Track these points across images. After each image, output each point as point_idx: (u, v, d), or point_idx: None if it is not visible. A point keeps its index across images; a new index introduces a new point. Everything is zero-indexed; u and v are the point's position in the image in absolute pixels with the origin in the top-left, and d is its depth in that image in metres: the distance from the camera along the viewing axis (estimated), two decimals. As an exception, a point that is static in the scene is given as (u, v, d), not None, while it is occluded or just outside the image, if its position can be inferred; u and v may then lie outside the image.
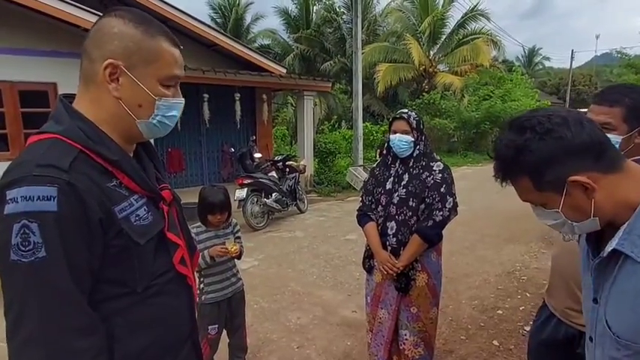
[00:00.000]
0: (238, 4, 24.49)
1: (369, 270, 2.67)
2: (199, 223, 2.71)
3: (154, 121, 1.10)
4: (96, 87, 1.05)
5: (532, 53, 41.42)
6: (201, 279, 2.70)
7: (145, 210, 1.08)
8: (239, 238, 2.82)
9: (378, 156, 10.98)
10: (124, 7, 1.13)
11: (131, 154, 1.15)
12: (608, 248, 0.95)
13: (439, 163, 2.52)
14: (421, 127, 2.53)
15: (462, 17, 21.03)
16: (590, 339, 1.07)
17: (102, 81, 1.03)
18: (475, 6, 20.85)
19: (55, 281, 0.90)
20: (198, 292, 2.66)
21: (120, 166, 1.04)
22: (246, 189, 7.22)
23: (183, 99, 1.16)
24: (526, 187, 0.99)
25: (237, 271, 2.85)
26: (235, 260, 2.80)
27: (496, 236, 6.56)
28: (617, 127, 1.57)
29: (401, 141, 2.48)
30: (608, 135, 1.43)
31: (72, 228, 0.92)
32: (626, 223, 0.93)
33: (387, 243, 2.50)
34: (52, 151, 0.96)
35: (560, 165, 0.93)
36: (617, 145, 1.52)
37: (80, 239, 0.93)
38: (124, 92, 1.05)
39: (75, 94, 1.10)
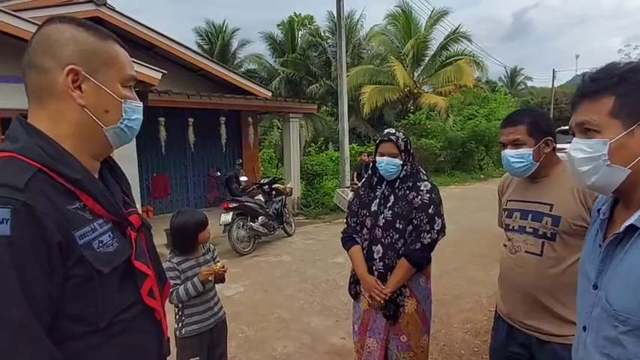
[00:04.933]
0: (225, 31, 24.77)
1: (356, 296, 2.55)
2: (172, 254, 2.60)
3: (122, 126, 1.05)
4: (55, 99, 0.97)
5: (514, 73, 41.97)
6: (180, 312, 2.56)
7: (109, 236, 0.98)
8: (219, 262, 2.71)
9: (355, 178, 10.91)
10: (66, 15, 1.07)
11: (96, 175, 1.06)
12: (626, 224, 0.98)
13: (427, 182, 2.42)
14: (409, 147, 2.43)
15: (445, 39, 21.46)
16: (584, 328, 1.09)
17: (62, 91, 0.96)
18: (457, 28, 21.33)
19: (9, 314, 0.79)
20: (177, 325, 2.54)
21: (83, 186, 0.95)
22: (231, 213, 7.07)
23: (141, 102, 1.11)
24: (600, 108, 1.00)
25: (219, 299, 2.73)
26: (217, 287, 2.68)
27: (485, 256, 6.46)
28: (526, 141, 1.85)
29: (389, 164, 2.36)
30: (521, 149, 1.84)
31: (28, 254, 0.81)
32: None
33: (374, 267, 2.39)
34: (6, 170, 0.86)
35: None
36: (530, 157, 1.83)
37: (37, 266, 0.83)
38: (88, 99, 0.99)
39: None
